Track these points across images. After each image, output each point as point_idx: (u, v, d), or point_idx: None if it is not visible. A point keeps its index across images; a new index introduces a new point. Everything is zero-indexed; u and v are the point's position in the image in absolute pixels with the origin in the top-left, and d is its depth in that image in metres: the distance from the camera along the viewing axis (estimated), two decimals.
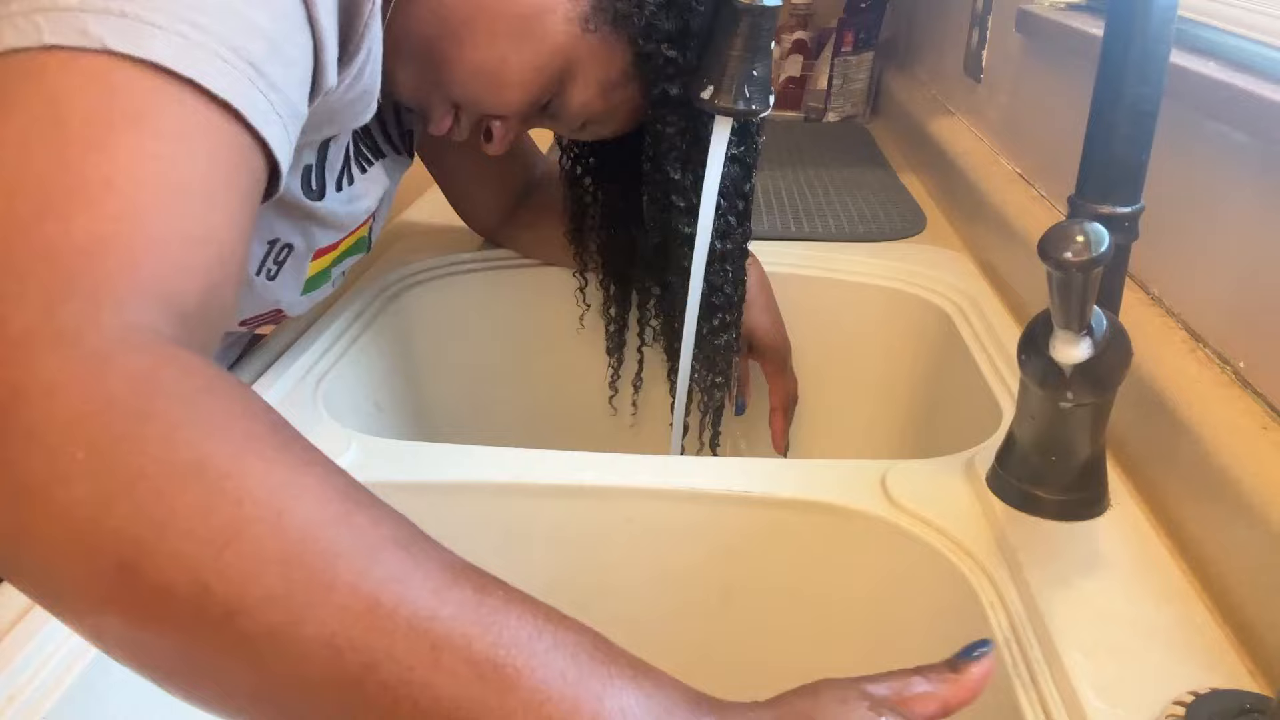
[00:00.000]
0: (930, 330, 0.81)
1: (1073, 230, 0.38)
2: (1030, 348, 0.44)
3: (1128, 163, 0.46)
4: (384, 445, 0.58)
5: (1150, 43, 0.44)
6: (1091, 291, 0.40)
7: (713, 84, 0.59)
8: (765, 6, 0.57)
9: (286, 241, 0.58)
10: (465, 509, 0.56)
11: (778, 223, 0.95)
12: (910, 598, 0.53)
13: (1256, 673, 0.41)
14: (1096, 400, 0.46)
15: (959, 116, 1.12)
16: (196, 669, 0.28)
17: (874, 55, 1.45)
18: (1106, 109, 0.45)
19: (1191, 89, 0.56)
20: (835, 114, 1.46)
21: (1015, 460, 0.51)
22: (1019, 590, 0.46)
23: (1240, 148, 0.54)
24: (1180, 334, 0.57)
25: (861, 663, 0.57)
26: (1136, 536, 0.49)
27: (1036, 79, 0.88)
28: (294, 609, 0.27)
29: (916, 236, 0.94)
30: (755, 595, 0.57)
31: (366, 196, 0.62)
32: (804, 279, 0.87)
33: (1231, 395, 0.50)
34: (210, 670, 0.28)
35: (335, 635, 0.27)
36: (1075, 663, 0.41)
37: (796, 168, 1.15)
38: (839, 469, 0.56)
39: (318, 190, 0.57)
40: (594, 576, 0.57)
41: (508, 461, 0.56)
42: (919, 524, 0.51)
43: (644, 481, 0.55)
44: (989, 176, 0.90)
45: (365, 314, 0.77)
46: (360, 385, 0.73)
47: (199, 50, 0.36)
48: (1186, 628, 0.43)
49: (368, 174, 0.62)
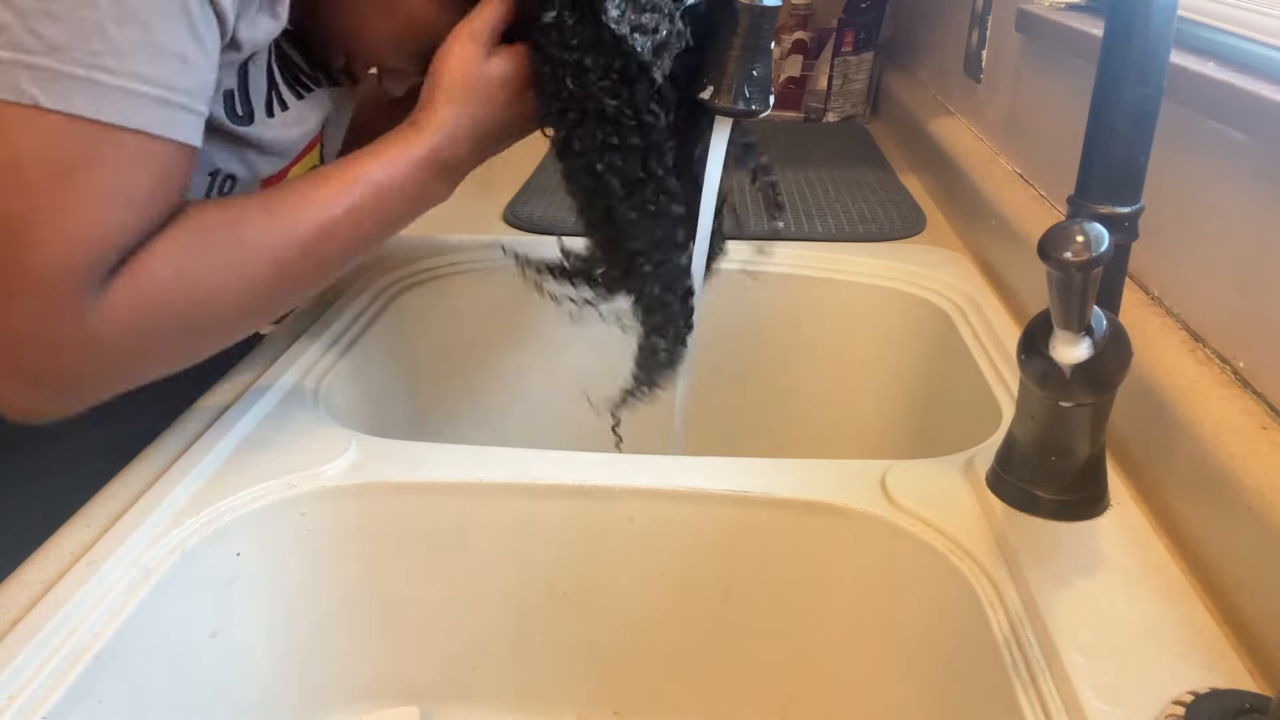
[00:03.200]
0: (930, 330, 0.81)
1: (1073, 230, 0.38)
2: (1030, 348, 0.44)
3: (1128, 163, 0.46)
4: (384, 445, 0.58)
5: (1150, 43, 0.44)
6: (1091, 291, 0.39)
7: (713, 84, 0.59)
8: (765, 6, 0.57)
9: (228, 172, 0.59)
10: (465, 509, 0.56)
11: (777, 222, 0.95)
12: (910, 597, 0.53)
13: (1256, 673, 0.41)
14: (1096, 400, 0.46)
15: (959, 116, 1.12)
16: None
17: (874, 55, 1.45)
18: (1106, 109, 0.45)
19: (1191, 89, 0.56)
20: (835, 114, 1.46)
21: (1015, 460, 0.51)
22: (1019, 590, 0.46)
23: (1240, 148, 0.54)
24: (1180, 334, 0.57)
25: (861, 662, 0.57)
26: (1136, 536, 0.49)
27: (1036, 79, 0.88)
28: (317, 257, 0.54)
29: (916, 236, 0.94)
30: (755, 595, 0.57)
31: (304, 123, 0.63)
32: (804, 279, 0.87)
33: (1231, 395, 0.50)
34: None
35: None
36: (1075, 663, 0.41)
37: (796, 168, 1.15)
38: (839, 469, 0.56)
39: (245, 115, 0.58)
40: (594, 576, 0.57)
41: (508, 461, 0.56)
42: (919, 524, 0.51)
43: (644, 481, 0.55)
44: (989, 176, 0.90)
45: (365, 314, 0.78)
46: (360, 385, 0.73)
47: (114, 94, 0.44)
48: (1186, 628, 0.43)
49: (305, 100, 0.63)
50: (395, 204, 0.57)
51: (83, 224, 0.45)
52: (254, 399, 0.62)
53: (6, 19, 0.42)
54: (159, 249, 0.48)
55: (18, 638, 0.42)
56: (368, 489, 0.55)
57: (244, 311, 0.53)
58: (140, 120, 0.46)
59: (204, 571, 0.51)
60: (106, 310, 0.47)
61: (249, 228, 0.52)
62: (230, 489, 0.54)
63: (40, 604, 0.44)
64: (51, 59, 0.43)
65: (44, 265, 0.44)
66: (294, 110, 0.62)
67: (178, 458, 0.56)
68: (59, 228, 0.45)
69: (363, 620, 0.59)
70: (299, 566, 0.56)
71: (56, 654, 0.42)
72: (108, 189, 0.46)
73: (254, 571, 0.54)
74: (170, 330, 0.50)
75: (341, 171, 0.55)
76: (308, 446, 0.58)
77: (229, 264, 0.51)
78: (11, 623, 0.43)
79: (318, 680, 0.59)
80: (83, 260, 0.45)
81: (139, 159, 0.46)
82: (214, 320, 0.52)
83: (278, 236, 0.52)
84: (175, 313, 0.50)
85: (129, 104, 0.45)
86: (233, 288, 0.51)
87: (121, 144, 0.45)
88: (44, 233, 0.44)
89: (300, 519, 0.55)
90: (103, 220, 0.46)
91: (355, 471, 0.56)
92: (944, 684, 0.51)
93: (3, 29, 0.42)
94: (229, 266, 0.51)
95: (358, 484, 0.55)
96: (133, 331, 0.48)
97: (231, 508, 0.53)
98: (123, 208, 0.46)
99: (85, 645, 0.43)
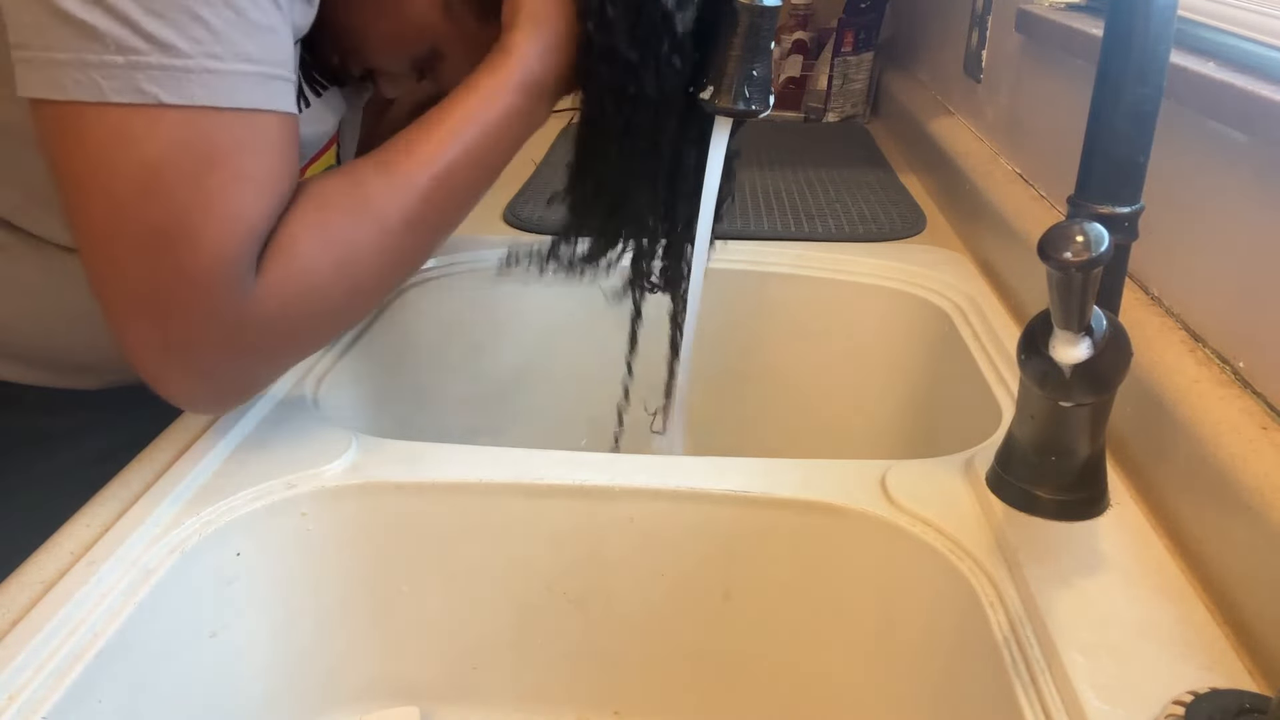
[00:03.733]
0: (930, 330, 0.81)
1: (1073, 230, 0.38)
2: (1030, 348, 0.44)
3: (1128, 163, 0.46)
4: (384, 445, 0.58)
5: (1150, 43, 0.44)
6: (1091, 291, 0.40)
7: (712, 84, 0.59)
8: (765, 6, 0.57)
9: None
10: (465, 509, 0.56)
11: (778, 223, 0.95)
12: (910, 597, 0.53)
13: (1256, 672, 0.41)
14: (1096, 400, 0.46)
15: (959, 116, 1.12)
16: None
17: (874, 55, 1.45)
18: (1106, 109, 0.45)
19: (1191, 89, 0.56)
20: (835, 114, 1.46)
21: (1015, 460, 0.51)
22: (1019, 590, 0.46)
23: (1240, 148, 0.54)
24: (1180, 334, 0.57)
25: (861, 662, 0.57)
26: (1136, 536, 0.49)
27: (1036, 79, 0.88)
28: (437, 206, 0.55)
29: (916, 236, 0.94)
30: (755, 595, 0.57)
31: (322, 122, 0.64)
32: (804, 279, 0.87)
33: (1231, 395, 0.50)
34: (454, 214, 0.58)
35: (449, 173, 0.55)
36: (1075, 662, 0.41)
37: (796, 168, 1.15)
38: (839, 469, 0.56)
39: None
40: (594, 576, 0.58)
41: (508, 461, 0.56)
42: (919, 524, 0.51)
43: (644, 481, 0.55)
44: (989, 176, 0.90)
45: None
46: (360, 385, 0.73)
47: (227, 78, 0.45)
48: (1186, 627, 0.43)
49: (322, 98, 0.64)
50: (503, 133, 0.57)
51: (228, 214, 0.46)
52: (254, 399, 0.62)
53: (108, 26, 0.43)
54: (294, 225, 0.49)
55: (18, 638, 0.42)
56: (368, 489, 0.55)
57: (388, 267, 0.55)
58: (253, 99, 0.46)
59: (204, 571, 0.51)
60: (265, 293, 0.48)
61: (370, 190, 0.53)
62: (230, 489, 0.54)
63: (40, 604, 0.44)
64: (164, 56, 0.43)
65: (202, 264, 0.45)
66: (314, 108, 0.63)
67: (178, 458, 0.56)
68: (208, 224, 0.45)
69: (363, 620, 0.59)
70: (299, 566, 0.56)
71: (56, 654, 0.42)
72: (242, 173, 0.46)
73: (254, 571, 0.54)
74: (325, 301, 0.51)
75: (444, 115, 0.55)
76: (308, 446, 0.58)
77: (363, 227, 0.52)
78: (11, 623, 0.43)
79: (318, 680, 0.59)
80: (235, 250, 0.46)
81: (261, 137, 0.47)
82: (362, 282, 0.53)
83: (399, 193, 0.53)
84: (327, 282, 0.51)
85: (241, 85, 0.46)
86: (372, 247, 0.53)
87: (244, 126, 0.46)
88: (195, 232, 0.45)
89: (300, 519, 0.55)
90: (246, 205, 0.47)
91: (355, 471, 0.56)
92: (944, 684, 0.51)
93: (109, 36, 0.43)
94: (363, 229, 0.52)
95: (358, 484, 0.55)
96: (292, 309, 0.50)
97: (231, 508, 0.53)
98: (258, 189, 0.47)
99: (85, 645, 0.43)
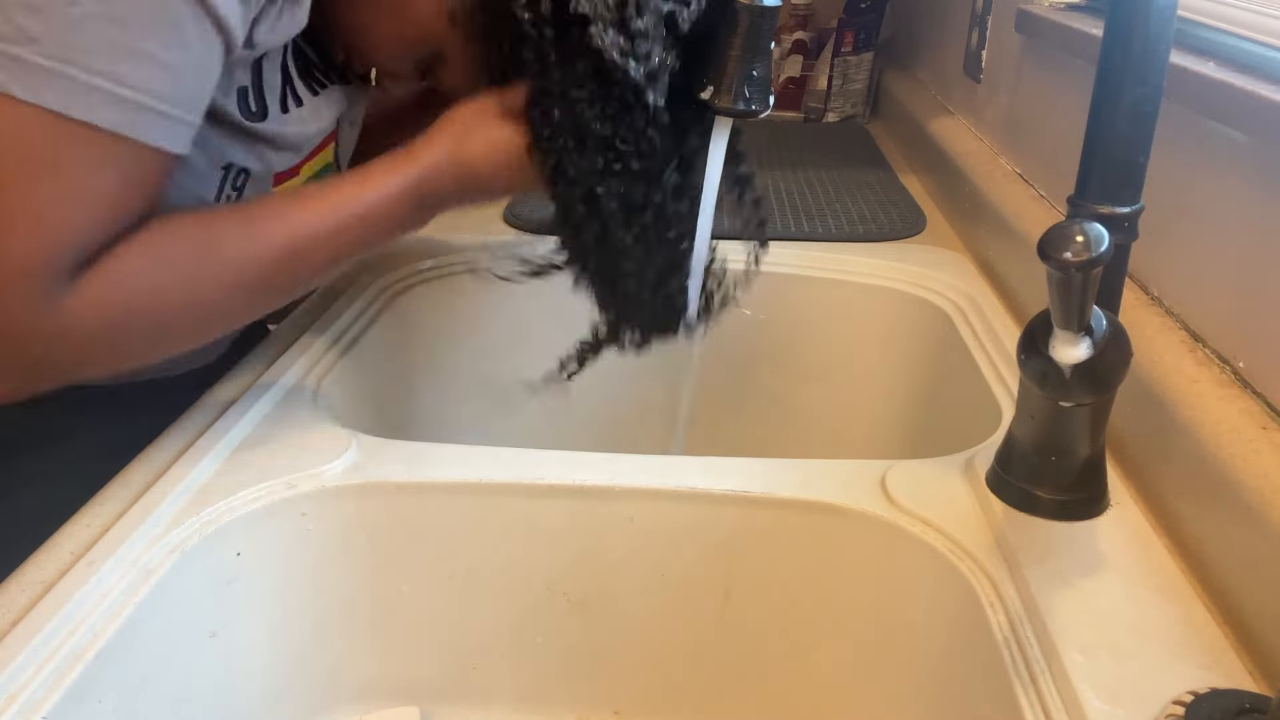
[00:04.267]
0: (930, 330, 0.81)
1: (1073, 230, 0.38)
2: (1030, 348, 0.44)
3: (1128, 163, 0.46)
4: (384, 445, 0.58)
5: (1150, 43, 0.44)
6: (1091, 291, 0.40)
7: (712, 84, 0.59)
8: (765, 6, 0.57)
9: (241, 166, 0.59)
10: (465, 509, 0.56)
11: (778, 223, 0.95)
12: (910, 597, 0.53)
13: (1256, 672, 0.41)
14: (1096, 400, 0.46)
15: (959, 116, 1.12)
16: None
17: (874, 55, 1.45)
18: (1106, 109, 0.45)
19: (1191, 89, 0.56)
20: (835, 114, 1.46)
21: (1015, 460, 0.51)
22: (1018, 590, 0.46)
23: (1240, 148, 0.54)
24: (1180, 334, 0.57)
25: (860, 662, 0.57)
26: (1136, 536, 0.49)
27: (1036, 79, 0.88)
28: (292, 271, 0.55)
29: (916, 236, 0.94)
30: (755, 595, 0.57)
31: (319, 120, 0.64)
32: (804, 279, 0.87)
33: (1231, 395, 0.50)
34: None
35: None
36: (1075, 662, 0.41)
37: (796, 168, 1.15)
38: (839, 469, 0.56)
39: (258, 111, 0.58)
40: (594, 576, 0.58)
41: (508, 461, 0.56)
42: (919, 524, 0.51)
43: (644, 481, 0.55)
44: (989, 176, 0.90)
45: (365, 314, 0.78)
46: (360, 385, 0.73)
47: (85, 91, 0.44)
48: (1186, 627, 0.43)
49: (320, 96, 0.64)
50: (376, 229, 0.58)
51: (47, 225, 0.45)
52: (254, 399, 0.62)
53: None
54: (130, 252, 0.49)
55: (18, 638, 0.42)
56: (368, 489, 0.55)
57: (209, 319, 0.54)
58: (110, 120, 0.45)
59: (204, 571, 0.51)
60: (72, 307, 0.47)
61: (224, 239, 0.53)
62: (230, 489, 0.54)
63: (40, 604, 0.44)
64: (28, 50, 0.43)
65: (4, 259, 0.45)
66: (309, 106, 0.62)
67: (178, 457, 0.56)
68: (20, 223, 0.45)
69: (363, 620, 0.59)
70: (299, 566, 0.56)
71: (56, 654, 0.42)
72: (73, 187, 0.46)
73: (254, 571, 0.54)
74: (135, 331, 0.51)
75: (325, 192, 0.56)
76: (308, 446, 0.58)
77: (198, 273, 0.52)
78: (11, 623, 0.43)
79: (317, 680, 0.59)
80: (43, 257, 0.45)
81: (107, 159, 0.46)
82: (179, 325, 0.53)
83: (252, 250, 0.53)
84: (140, 314, 0.50)
85: (101, 104, 0.45)
86: (200, 296, 0.52)
87: (93, 144, 0.45)
88: (5, 226, 0.45)
89: (300, 519, 0.55)
90: (66, 218, 0.46)
91: (355, 471, 0.56)
92: (944, 684, 0.51)
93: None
94: (198, 275, 0.52)
95: (358, 484, 0.55)
96: (98, 330, 0.49)
97: (231, 508, 0.53)
98: (88, 207, 0.46)
99: (85, 645, 0.43)
